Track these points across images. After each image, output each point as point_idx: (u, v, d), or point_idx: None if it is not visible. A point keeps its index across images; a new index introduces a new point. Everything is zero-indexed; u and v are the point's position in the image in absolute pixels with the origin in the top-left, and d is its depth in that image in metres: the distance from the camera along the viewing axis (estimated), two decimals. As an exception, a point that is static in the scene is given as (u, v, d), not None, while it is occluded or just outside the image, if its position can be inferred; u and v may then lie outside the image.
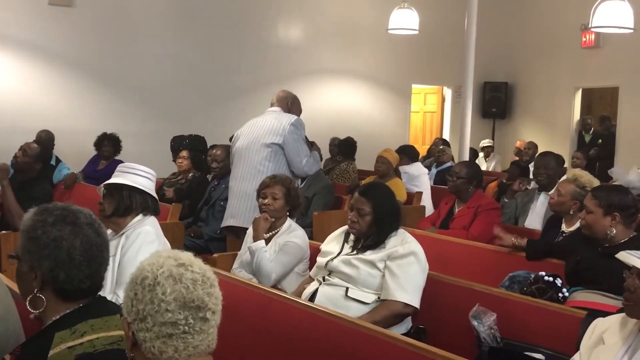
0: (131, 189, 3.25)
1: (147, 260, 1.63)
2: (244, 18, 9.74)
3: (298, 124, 4.89)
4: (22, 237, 1.87)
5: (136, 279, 1.60)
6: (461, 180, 5.03)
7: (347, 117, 10.62)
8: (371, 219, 3.44)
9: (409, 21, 9.11)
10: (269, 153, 4.81)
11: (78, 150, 7.81)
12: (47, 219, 1.85)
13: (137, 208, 3.26)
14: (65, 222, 1.86)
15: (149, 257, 1.65)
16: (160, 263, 1.60)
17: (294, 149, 4.82)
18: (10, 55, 8.13)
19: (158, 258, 1.62)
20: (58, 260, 1.83)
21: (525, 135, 11.97)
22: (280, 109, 5.02)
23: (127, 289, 1.61)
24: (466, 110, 7.34)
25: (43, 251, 1.83)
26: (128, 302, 1.59)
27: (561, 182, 4.34)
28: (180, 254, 1.66)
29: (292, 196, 3.99)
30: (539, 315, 3.04)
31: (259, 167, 4.81)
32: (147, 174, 3.35)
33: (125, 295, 1.61)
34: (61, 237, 1.84)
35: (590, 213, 3.47)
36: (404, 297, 3.23)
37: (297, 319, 2.90)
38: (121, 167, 3.37)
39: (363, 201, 3.48)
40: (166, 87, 9.14)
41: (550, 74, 11.86)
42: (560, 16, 11.56)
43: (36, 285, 1.84)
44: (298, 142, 4.86)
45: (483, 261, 4.22)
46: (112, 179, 3.31)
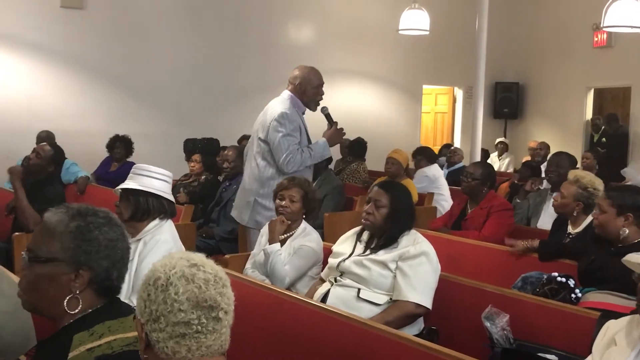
0: (147, 194, 3.24)
1: (159, 262, 1.63)
2: (254, 20, 9.76)
3: (282, 118, 4.57)
4: (69, 238, 1.84)
5: (149, 280, 1.60)
6: (476, 182, 5.01)
7: (358, 118, 10.60)
8: (387, 212, 3.43)
9: (419, 21, 9.10)
10: (260, 149, 4.69)
11: (90, 152, 7.84)
12: (98, 221, 1.88)
13: (154, 212, 3.26)
14: (113, 224, 1.91)
15: (162, 258, 1.65)
16: (172, 264, 1.61)
17: (274, 146, 4.58)
18: (23, 58, 8.17)
19: (170, 259, 1.63)
20: (114, 260, 1.88)
21: (536, 135, 11.93)
22: (290, 93, 4.74)
23: (140, 290, 1.61)
24: (477, 111, 7.33)
25: (103, 252, 1.85)
26: (141, 303, 1.60)
27: (564, 184, 4.32)
28: (192, 254, 1.66)
29: (309, 199, 3.97)
30: (552, 316, 3.03)
31: (252, 162, 4.74)
32: (163, 176, 3.33)
33: (138, 296, 1.62)
34: (116, 238, 1.89)
35: (604, 212, 3.45)
36: (415, 297, 3.22)
37: (309, 320, 2.90)
38: (136, 170, 3.34)
39: (381, 193, 3.48)
40: (177, 88, 9.17)
41: (562, 74, 11.81)
42: (572, 16, 11.51)
43: (78, 287, 1.84)
44: (280, 137, 4.55)
45: (495, 262, 4.20)
46: (127, 182, 3.29)
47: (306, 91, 4.72)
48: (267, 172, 4.65)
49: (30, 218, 4.64)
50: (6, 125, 7.95)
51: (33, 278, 1.85)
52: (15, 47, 8.09)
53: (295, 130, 4.62)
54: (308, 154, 4.63)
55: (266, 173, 4.64)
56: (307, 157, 4.62)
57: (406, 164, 6.65)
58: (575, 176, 4.27)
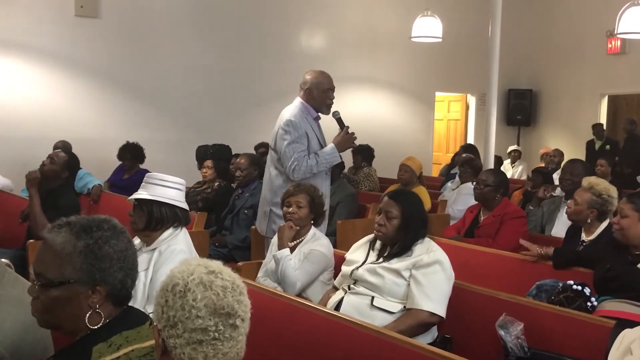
0: (161, 204, 3.24)
1: (177, 268, 1.65)
2: (267, 27, 9.78)
3: (287, 126, 4.56)
4: (80, 258, 1.81)
5: (167, 286, 1.61)
6: (488, 188, 4.99)
7: (370, 125, 10.60)
8: (398, 223, 3.42)
9: (432, 29, 9.11)
10: (272, 158, 4.74)
11: (104, 159, 7.88)
12: (105, 235, 1.85)
13: (168, 222, 3.27)
14: (119, 232, 1.89)
15: (179, 264, 1.67)
16: (190, 270, 1.62)
17: (281, 154, 4.59)
18: (37, 66, 8.23)
19: (188, 265, 1.64)
20: (127, 269, 1.88)
21: (550, 142, 11.88)
22: (300, 99, 4.72)
23: (158, 296, 1.62)
24: (491, 118, 7.29)
25: (116, 265, 1.84)
26: (159, 309, 1.60)
27: (578, 190, 4.30)
28: (209, 262, 1.67)
29: (316, 204, 3.98)
30: (567, 324, 3.00)
31: (267, 171, 4.82)
32: (176, 185, 3.33)
33: (155, 302, 1.62)
34: (125, 248, 1.89)
35: (626, 217, 3.43)
36: (429, 306, 3.21)
37: (323, 328, 2.89)
38: (149, 179, 3.34)
39: (392, 204, 3.48)
40: (190, 96, 9.21)
41: (576, 81, 11.77)
42: (586, 22, 11.48)
43: (98, 301, 1.83)
44: (285, 145, 4.54)
45: (509, 270, 4.17)
46: (140, 192, 3.29)
47: (315, 95, 4.69)
48: (278, 181, 4.65)
49: (40, 225, 4.65)
50: (22, 133, 8.01)
51: (49, 302, 1.82)
52: (30, 56, 8.16)
53: (302, 137, 4.58)
54: (315, 160, 4.57)
55: (277, 182, 4.65)
56: (314, 164, 4.56)
57: (419, 171, 6.63)
58: (590, 183, 4.24)
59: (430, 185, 7.77)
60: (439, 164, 11.92)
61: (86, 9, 8.42)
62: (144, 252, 3.24)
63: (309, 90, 4.69)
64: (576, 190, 4.35)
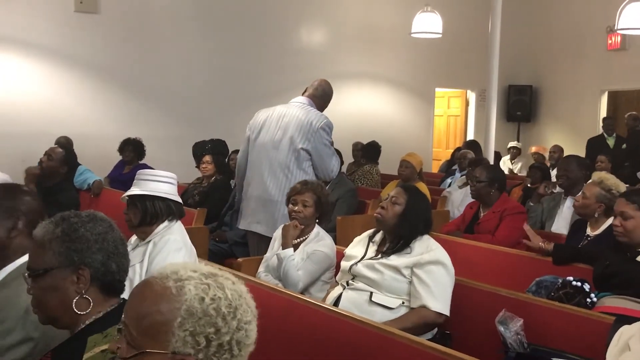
0: (154, 198, 3.26)
1: (192, 287, 1.46)
2: (266, 24, 9.77)
3: (328, 127, 4.60)
4: (58, 243, 1.88)
5: (205, 315, 1.44)
6: (482, 184, 4.99)
7: (370, 121, 10.62)
8: (400, 210, 3.43)
9: (432, 25, 9.11)
10: (296, 157, 4.55)
11: (103, 155, 7.88)
12: (82, 220, 1.92)
13: (163, 215, 3.29)
14: (97, 219, 1.95)
15: (190, 283, 1.48)
16: (211, 284, 1.48)
17: (323, 155, 4.58)
18: (36, 62, 8.22)
19: (198, 281, 1.48)
20: (108, 252, 1.91)
21: (550, 138, 11.88)
22: (309, 99, 4.71)
23: (192, 327, 1.43)
24: (490, 114, 7.31)
25: (93, 246, 1.89)
26: (202, 341, 1.43)
27: (587, 184, 4.30)
28: (200, 266, 1.55)
29: (322, 203, 3.96)
30: (566, 320, 3.01)
31: (286, 171, 4.55)
32: (167, 179, 3.35)
33: (184, 335, 1.43)
34: (104, 231, 1.93)
35: (630, 219, 3.39)
36: (436, 306, 3.20)
37: (322, 324, 2.90)
38: (140, 175, 3.37)
39: (401, 192, 3.51)
40: (190, 92, 9.20)
41: (576, 77, 11.76)
42: (586, 18, 11.46)
43: (83, 287, 1.87)
44: (327, 147, 4.60)
45: (509, 266, 4.18)
46: (133, 189, 3.32)
47: (323, 103, 4.81)
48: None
49: None
50: (21, 129, 8.00)
51: (39, 293, 1.89)
52: (29, 52, 8.14)
53: None
54: (337, 157, 4.78)
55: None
56: (337, 164, 4.79)
57: (420, 167, 6.62)
58: (600, 177, 4.24)
59: (429, 181, 7.77)
60: (439, 160, 11.92)
61: (86, 4, 8.41)
62: (139, 246, 3.26)
63: (321, 99, 4.78)
64: (586, 184, 4.35)
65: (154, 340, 1.43)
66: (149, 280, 1.50)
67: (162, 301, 1.44)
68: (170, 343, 1.42)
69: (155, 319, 1.43)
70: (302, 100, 4.73)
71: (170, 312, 1.43)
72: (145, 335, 1.43)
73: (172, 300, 1.44)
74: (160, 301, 1.44)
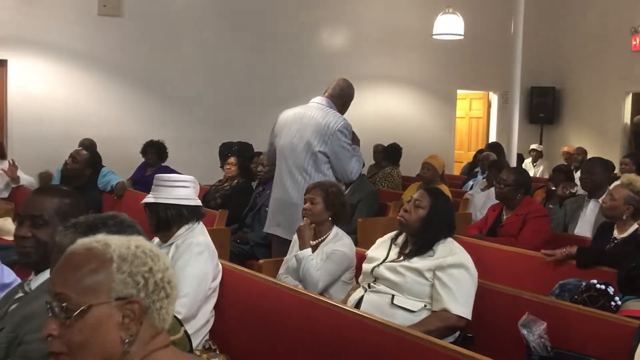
0: (166, 205, 3.26)
1: (115, 240, 1.56)
2: (288, 26, 9.79)
3: (346, 129, 4.55)
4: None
5: (138, 254, 1.54)
6: (509, 188, 4.96)
7: (391, 123, 10.59)
8: (424, 214, 3.40)
9: (454, 26, 9.08)
10: (314, 160, 4.55)
11: (126, 157, 7.94)
12: (111, 230, 1.89)
13: (177, 221, 3.28)
14: (124, 227, 1.93)
15: (112, 239, 1.57)
16: (128, 239, 1.58)
17: (341, 157, 4.55)
18: (60, 65, 8.31)
19: (112, 239, 1.58)
20: None
21: (573, 141, 11.77)
22: (329, 100, 4.69)
23: (128, 269, 1.51)
24: (513, 116, 7.26)
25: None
26: (139, 280, 1.51)
27: (615, 186, 4.25)
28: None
29: (331, 199, 3.92)
30: (590, 324, 2.97)
31: (304, 174, 4.56)
32: (183, 183, 3.33)
33: (129, 273, 1.50)
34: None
35: None
36: (458, 309, 3.18)
37: (344, 326, 2.89)
38: (156, 181, 3.36)
39: (424, 195, 3.47)
40: (211, 94, 9.24)
41: (600, 79, 11.64)
42: (610, 19, 11.35)
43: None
44: (345, 149, 4.56)
45: (532, 269, 4.14)
46: (148, 196, 3.34)
47: (346, 105, 4.80)
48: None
49: None
50: (46, 131, 8.09)
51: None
52: (54, 55, 8.24)
53: (351, 139, 4.67)
54: (360, 160, 4.73)
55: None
56: (361, 161, 4.75)
57: (442, 169, 6.60)
58: (629, 179, 4.20)
59: (451, 183, 7.74)
60: (461, 162, 11.86)
61: (109, 7, 8.49)
62: (161, 248, 3.27)
63: (340, 98, 4.75)
64: (613, 186, 4.31)
65: (95, 293, 1.47)
66: (71, 248, 1.55)
67: (93, 258, 1.50)
68: (112, 291, 1.47)
69: (92, 275, 1.48)
70: (321, 101, 4.71)
71: (104, 265, 1.49)
72: (84, 292, 1.46)
73: (101, 255, 1.50)
74: (92, 259, 1.50)
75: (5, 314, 2.25)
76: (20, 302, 2.25)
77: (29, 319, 2.07)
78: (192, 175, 3.44)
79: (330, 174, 4.58)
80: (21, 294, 2.30)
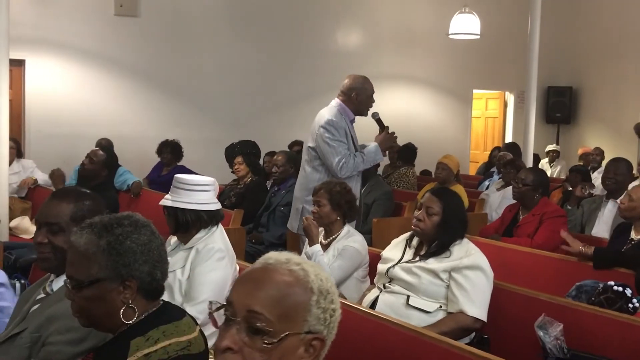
0: (184, 209, 3.20)
1: (309, 267, 1.52)
2: (301, 26, 9.79)
3: (329, 125, 4.65)
4: (105, 256, 1.85)
5: (328, 294, 1.50)
6: (526, 188, 4.93)
7: (407, 123, 10.53)
8: (439, 220, 3.38)
9: (470, 26, 9.05)
10: (309, 156, 4.80)
11: (142, 156, 7.99)
12: (126, 230, 1.89)
13: (196, 225, 3.25)
14: (140, 226, 1.92)
15: (306, 265, 1.54)
16: (319, 272, 1.54)
17: (324, 152, 4.67)
18: (77, 64, 8.36)
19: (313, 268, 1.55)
20: (154, 261, 1.90)
21: (590, 141, 11.69)
22: (339, 101, 4.80)
23: (324, 304, 1.48)
24: (529, 116, 7.20)
25: (140, 258, 1.87)
26: (327, 317, 1.48)
27: (633, 187, 4.21)
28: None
29: (336, 199, 3.90)
30: (607, 326, 2.96)
31: (302, 171, 4.91)
32: (202, 187, 3.27)
33: (318, 312, 1.47)
34: (149, 240, 1.91)
35: None
36: (474, 311, 3.17)
37: (359, 327, 2.89)
38: (176, 182, 3.29)
39: (434, 200, 3.43)
40: (227, 94, 9.26)
41: (617, 78, 11.54)
42: (626, 18, 11.26)
43: (130, 297, 1.87)
44: (326, 144, 4.64)
45: (549, 270, 4.12)
46: (167, 196, 3.29)
47: (361, 99, 4.80)
48: (314, 178, 4.67)
49: None
50: (63, 131, 8.14)
51: (84, 302, 1.87)
52: (71, 55, 8.28)
53: (343, 137, 4.69)
54: (360, 158, 4.71)
55: (313, 180, 4.66)
56: (360, 161, 4.71)
57: (457, 169, 6.57)
58: None
59: (467, 183, 7.71)
60: (477, 162, 11.81)
61: (126, 8, 8.53)
62: (180, 250, 3.27)
63: (354, 95, 4.78)
64: (631, 187, 4.27)
65: (292, 322, 1.42)
66: (271, 266, 1.50)
67: (296, 283, 1.45)
68: (307, 322, 1.44)
69: (294, 299, 1.43)
70: (333, 101, 4.86)
71: (305, 293, 1.44)
72: (284, 318, 1.41)
73: (303, 281, 1.46)
74: (295, 283, 1.45)
75: (26, 314, 2.27)
76: (42, 302, 2.26)
77: (53, 321, 2.08)
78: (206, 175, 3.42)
79: (323, 170, 4.73)
80: (42, 294, 2.31)
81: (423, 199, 3.51)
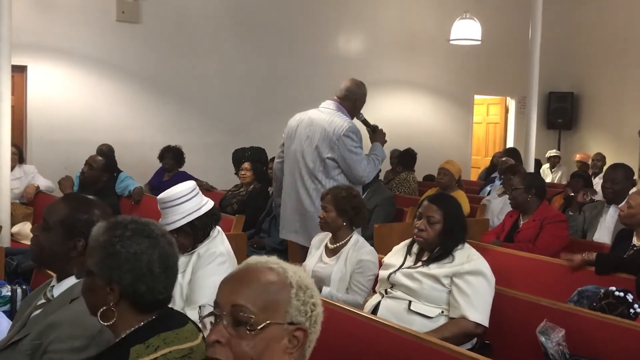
0: (177, 229, 3.17)
1: (290, 268, 1.66)
2: (303, 31, 9.81)
3: (352, 133, 4.50)
4: (98, 252, 1.86)
5: (307, 289, 1.64)
6: (518, 191, 4.94)
7: (408, 128, 10.56)
8: (441, 227, 3.37)
9: (471, 31, 9.06)
10: (324, 167, 4.55)
11: (144, 162, 7.99)
12: (124, 234, 1.86)
13: (197, 232, 3.24)
14: (142, 235, 1.88)
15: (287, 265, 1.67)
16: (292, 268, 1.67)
17: (349, 163, 4.51)
18: (79, 71, 8.37)
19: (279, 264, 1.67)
20: (139, 274, 1.84)
21: (592, 146, 11.69)
22: (337, 104, 4.67)
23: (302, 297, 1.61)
24: (531, 121, 7.20)
25: (124, 266, 1.84)
26: (305, 309, 1.61)
27: (632, 194, 4.21)
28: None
29: (342, 205, 3.84)
30: (609, 331, 2.95)
31: (315, 181, 4.57)
32: (185, 197, 3.23)
33: (298, 304, 1.60)
34: (141, 251, 1.86)
35: None
36: (476, 317, 3.16)
37: (361, 332, 2.89)
38: (160, 204, 3.27)
39: (434, 209, 3.41)
40: (228, 99, 9.27)
41: (618, 83, 11.55)
42: (629, 23, 11.27)
43: (112, 299, 1.84)
44: (353, 153, 4.50)
45: (550, 275, 4.12)
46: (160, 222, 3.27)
47: (357, 105, 4.77)
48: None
49: None
50: (64, 136, 8.15)
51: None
52: (72, 61, 8.29)
53: (361, 141, 4.62)
54: (376, 160, 4.68)
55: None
56: (378, 163, 4.71)
57: (458, 175, 6.57)
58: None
59: (468, 189, 7.70)
60: (478, 168, 11.81)
61: (127, 14, 8.54)
62: (182, 256, 3.26)
63: (353, 99, 4.73)
64: (630, 193, 4.27)
65: (274, 312, 1.55)
66: (250, 264, 1.65)
67: (275, 278, 1.59)
68: (288, 313, 1.56)
69: (274, 291, 1.57)
70: (330, 105, 4.72)
71: (284, 287, 1.57)
72: (265, 309, 1.54)
73: (282, 276, 1.59)
74: (275, 278, 1.59)
75: (27, 319, 2.27)
76: (43, 308, 2.26)
77: (55, 328, 2.07)
78: (207, 181, 3.41)
79: (342, 179, 4.55)
80: (43, 300, 2.31)
81: (422, 208, 3.46)
